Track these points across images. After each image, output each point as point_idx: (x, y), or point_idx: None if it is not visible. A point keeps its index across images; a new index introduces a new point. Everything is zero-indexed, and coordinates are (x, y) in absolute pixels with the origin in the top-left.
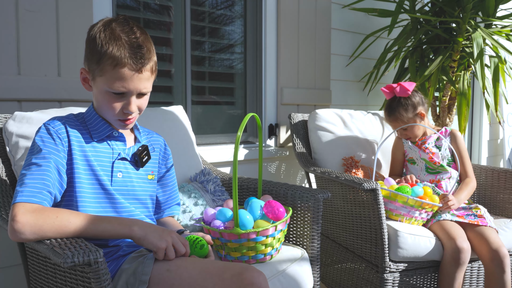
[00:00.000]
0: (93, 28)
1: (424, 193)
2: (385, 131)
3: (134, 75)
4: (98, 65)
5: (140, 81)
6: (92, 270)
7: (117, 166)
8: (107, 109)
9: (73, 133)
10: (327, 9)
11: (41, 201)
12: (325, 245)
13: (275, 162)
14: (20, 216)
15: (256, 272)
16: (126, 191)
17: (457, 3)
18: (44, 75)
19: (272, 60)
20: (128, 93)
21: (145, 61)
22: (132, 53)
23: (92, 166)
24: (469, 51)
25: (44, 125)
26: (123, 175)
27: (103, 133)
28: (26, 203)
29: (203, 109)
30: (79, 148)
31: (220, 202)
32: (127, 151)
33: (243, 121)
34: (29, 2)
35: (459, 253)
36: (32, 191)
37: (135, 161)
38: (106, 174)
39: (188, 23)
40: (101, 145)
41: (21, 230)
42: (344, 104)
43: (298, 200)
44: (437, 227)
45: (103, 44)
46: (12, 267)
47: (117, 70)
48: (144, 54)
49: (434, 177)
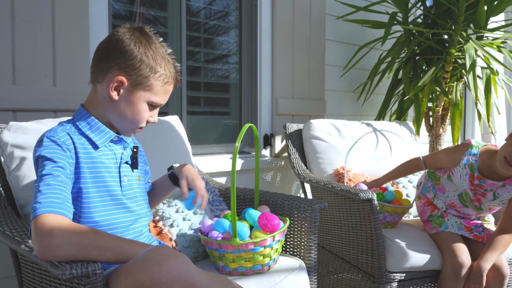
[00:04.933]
0: (126, 37)
1: (396, 198)
2: (379, 141)
3: (170, 89)
4: (147, 80)
5: (168, 95)
6: (89, 282)
7: (122, 171)
8: (135, 119)
9: (78, 142)
10: (321, 20)
11: (67, 214)
12: (321, 255)
13: (271, 172)
14: (55, 228)
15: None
16: (132, 194)
17: (449, 16)
18: (39, 85)
19: (267, 71)
20: (160, 106)
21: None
22: (175, 73)
23: (100, 174)
24: (461, 62)
25: (46, 137)
26: (128, 179)
27: (107, 137)
28: (53, 214)
29: (198, 119)
30: (85, 157)
31: (218, 212)
32: (125, 153)
33: (241, 132)
34: (25, 12)
35: (460, 269)
36: (56, 201)
37: (132, 163)
38: (115, 181)
39: (184, 33)
40: (103, 151)
41: (59, 246)
42: (339, 114)
43: (295, 210)
44: (440, 238)
45: (155, 60)
46: (5, 279)
47: (166, 86)
48: (178, 67)
49: (459, 205)
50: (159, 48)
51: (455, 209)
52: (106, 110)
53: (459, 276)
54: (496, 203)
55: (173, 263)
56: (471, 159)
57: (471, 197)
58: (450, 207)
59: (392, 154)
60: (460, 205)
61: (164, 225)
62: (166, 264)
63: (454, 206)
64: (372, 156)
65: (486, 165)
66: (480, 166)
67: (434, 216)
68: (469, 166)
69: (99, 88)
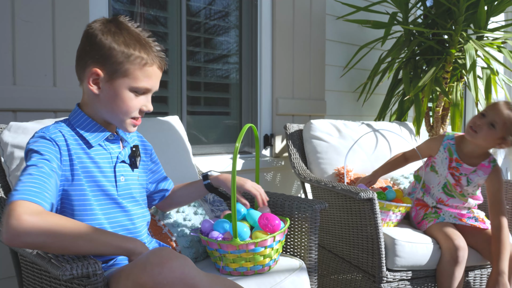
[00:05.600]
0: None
1: (396, 196)
2: (379, 140)
3: (158, 73)
4: (122, 65)
5: (158, 80)
6: (90, 282)
7: (118, 170)
8: (123, 110)
9: (71, 140)
10: (321, 20)
11: (43, 203)
12: (321, 255)
13: (271, 172)
14: (26, 216)
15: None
16: (129, 194)
17: (449, 16)
18: (39, 85)
19: (267, 71)
20: (149, 92)
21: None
22: (156, 54)
23: (93, 173)
24: (461, 63)
25: (37, 133)
26: (126, 179)
27: (101, 136)
28: (27, 202)
29: (198, 119)
30: (79, 155)
31: (218, 213)
32: (123, 152)
33: (241, 132)
34: (25, 12)
35: (457, 251)
36: (32, 190)
37: (131, 162)
38: (109, 181)
39: (184, 33)
40: (97, 150)
41: (26, 232)
42: (339, 115)
43: (296, 210)
44: (434, 229)
45: (127, 45)
46: (6, 279)
47: (146, 68)
48: (164, 52)
49: (446, 198)
50: (133, 32)
51: (443, 203)
52: (97, 107)
53: (457, 259)
54: (471, 189)
55: (174, 264)
56: (449, 143)
57: (452, 183)
58: (439, 203)
59: (392, 154)
60: (447, 198)
61: (164, 226)
62: (167, 266)
63: (442, 201)
64: (373, 156)
65: (461, 148)
66: (458, 151)
67: (429, 214)
68: (448, 150)
69: (84, 86)
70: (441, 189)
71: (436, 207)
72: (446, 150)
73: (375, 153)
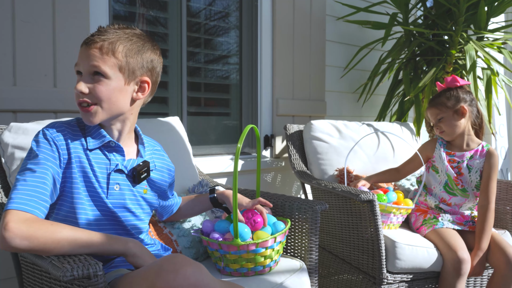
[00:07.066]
0: None
1: (397, 198)
2: (380, 141)
3: (84, 49)
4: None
5: (89, 57)
6: (91, 283)
7: (113, 178)
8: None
9: (72, 140)
10: (321, 21)
11: (34, 211)
12: (321, 256)
13: (271, 172)
14: (12, 224)
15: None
16: (122, 204)
17: (449, 17)
18: (40, 86)
19: (268, 71)
20: (80, 70)
21: (95, 38)
22: (93, 33)
23: (87, 174)
24: (462, 63)
25: (42, 130)
26: (121, 188)
27: (99, 141)
28: (19, 211)
29: (198, 120)
30: (77, 156)
31: (218, 214)
32: (125, 163)
33: (243, 133)
34: (25, 13)
35: (461, 263)
36: (25, 198)
37: (132, 176)
38: (101, 186)
39: (184, 34)
40: (97, 155)
41: (11, 238)
42: (339, 115)
43: (296, 211)
44: (435, 236)
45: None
46: (6, 280)
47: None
48: (101, 32)
49: (447, 197)
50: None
51: (446, 203)
52: None
53: (460, 272)
54: (474, 176)
55: (188, 271)
56: (442, 142)
57: (453, 177)
58: (441, 203)
59: (394, 155)
60: (449, 197)
61: (165, 226)
62: (182, 273)
63: (444, 200)
64: (374, 157)
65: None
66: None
67: (428, 219)
68: (443, 146)
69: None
70: (442, 188)
71: (439, 207)
72: (442, 146)
73: (376, 154)
